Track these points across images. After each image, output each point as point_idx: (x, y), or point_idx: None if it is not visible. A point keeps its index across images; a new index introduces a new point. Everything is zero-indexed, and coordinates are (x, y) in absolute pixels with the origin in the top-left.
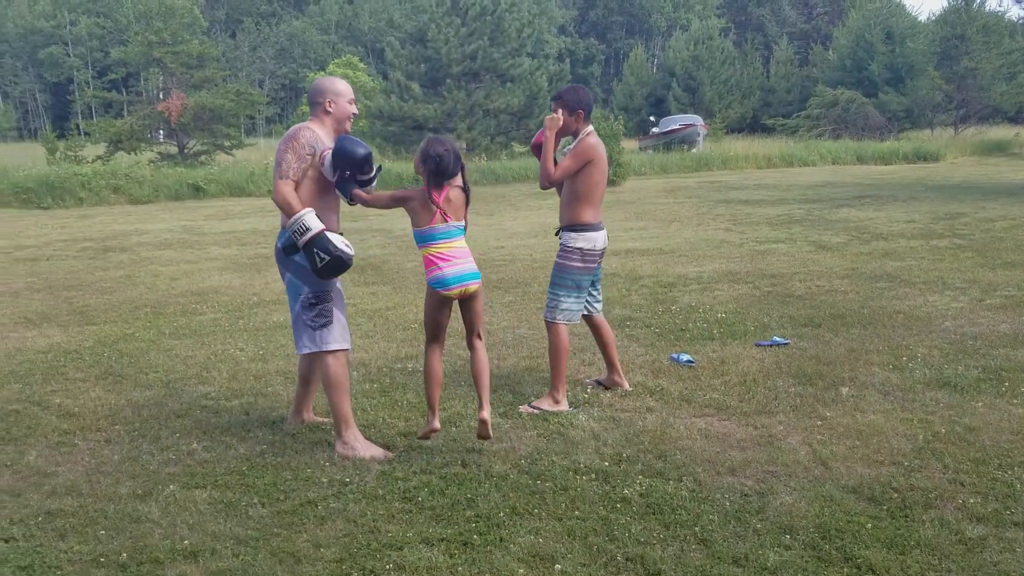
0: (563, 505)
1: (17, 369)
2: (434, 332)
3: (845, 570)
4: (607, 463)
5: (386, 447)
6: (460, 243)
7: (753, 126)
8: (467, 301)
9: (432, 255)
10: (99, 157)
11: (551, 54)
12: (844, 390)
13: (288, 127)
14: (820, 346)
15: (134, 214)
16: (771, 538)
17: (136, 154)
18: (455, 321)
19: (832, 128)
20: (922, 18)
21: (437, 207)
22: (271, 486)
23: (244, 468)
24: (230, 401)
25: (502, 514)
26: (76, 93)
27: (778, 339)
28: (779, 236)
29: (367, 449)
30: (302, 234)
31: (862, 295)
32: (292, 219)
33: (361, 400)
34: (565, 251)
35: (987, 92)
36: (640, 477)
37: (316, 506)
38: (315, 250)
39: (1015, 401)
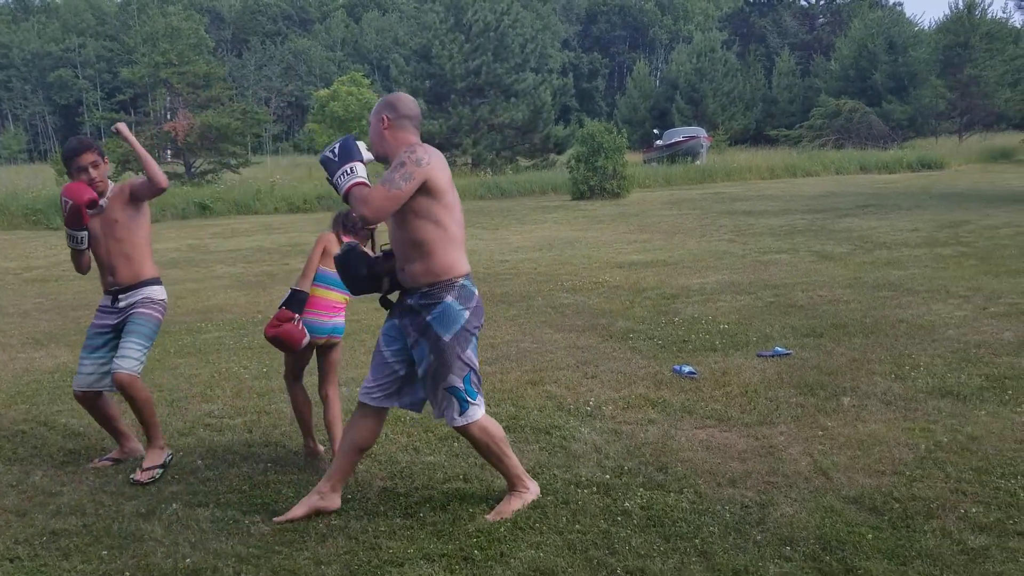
0: (564, 519)
1: (24, 389)
2: (295, 371)
3: None
4: (608, 476)
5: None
6: (344, 298)
7: (756, 137)
8: (327, 350)
9: (319, 298)
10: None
11: (555, 68)
12: (846, 400)
13: (294, 145)
14: (822, 356)
15: None
16: (771, 550)
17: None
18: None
19: (835, 138)
20: (924, 26)
21: None
22: (273, 504)
23: (246, 486)
24: (233, 419)
25: (503, 529)
26: (85, 115)
27: (780, 349)
28: (782, 247)
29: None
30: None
31: (864, 304)
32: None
33: None
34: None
35: (991, 99)
36: (641, 490)
37: (317, 523)
38: None
39: (1018, 410)
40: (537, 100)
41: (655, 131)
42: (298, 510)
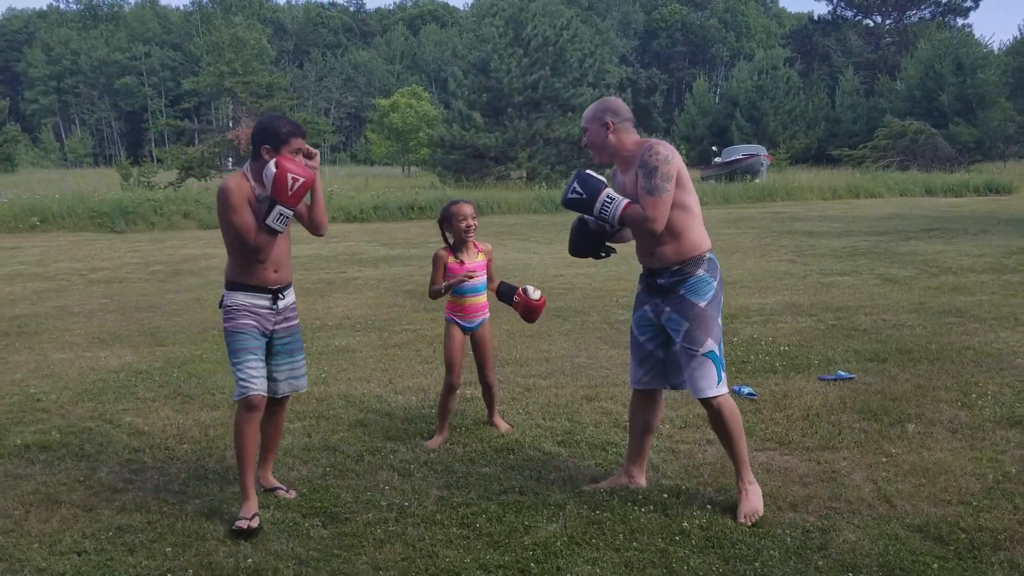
0: (621, 536)
1: (90, 388)
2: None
3: None
4: (666, 495)
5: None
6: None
7: (818, 157)
8: (480, 339)
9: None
10: (171, 183)
11: (612, 84)
12: (911, 427)
13: (351, 155)
14: (886, 381)
15: (204, 239)
16: None
17: (207, 180)
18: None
19: (900, 159)
20: (994, 48)
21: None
22: (332, 508)
23: (305, 490)
24: (292, 423)
25: (560, 543)
26: (150, 121)
27: (842, 373)
28: (844, 268)
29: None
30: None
31: (930, 330)
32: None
33: (420, 425)
34: None
35: None
36: (699, 510)
37: (376, 529)
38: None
39: None
40: None
41: (714, 148)
42: (605, 484)
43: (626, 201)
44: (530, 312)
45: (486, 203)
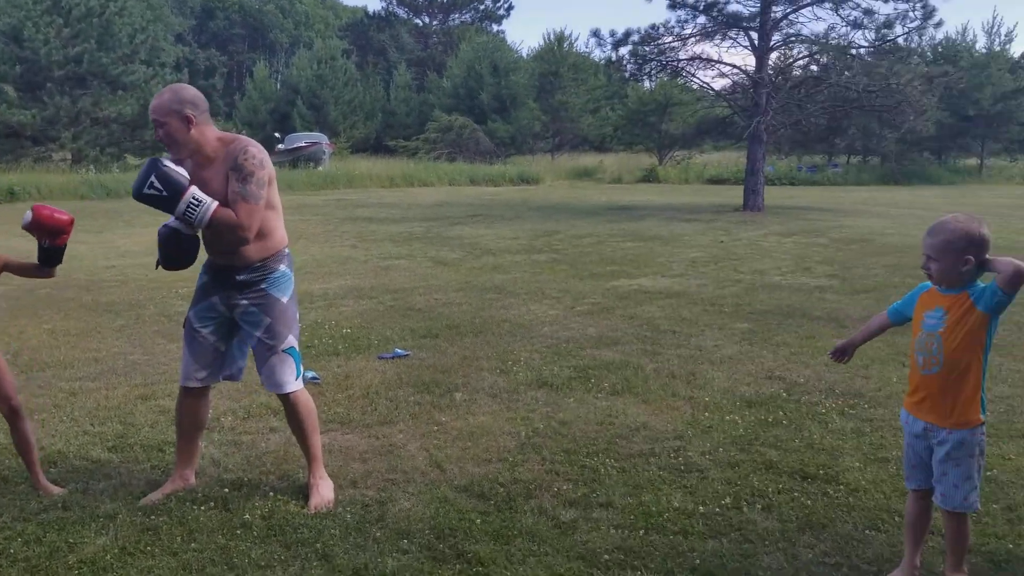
0: (179, 539)
1: None
2: None
3: (457, 566)
4: (228, 489)
5: None
6: None
7: (376, 146)
8: None
9: None
10: None
11: (168, 63)
12: (458, 395)
13: None
14: (437, 355)
15: None
16: (390, 544)
17: None
18: None
19: (448, 151)
20: (523, 54)
21: None
22: None
23: None
24: None
25: (110, 556)
26: None
27: (399, 351)
28: (401, 252)
29: None
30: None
31: (474, 306)
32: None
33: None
34: None
35: (577, 123)
36: (261, 500)
37: None
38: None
39: (599, 395)
40: (148, 95)
41: (277, 135)
42: (158, 494)
43: (216, 204)
44: (48, 223)
45: (22, 188)
